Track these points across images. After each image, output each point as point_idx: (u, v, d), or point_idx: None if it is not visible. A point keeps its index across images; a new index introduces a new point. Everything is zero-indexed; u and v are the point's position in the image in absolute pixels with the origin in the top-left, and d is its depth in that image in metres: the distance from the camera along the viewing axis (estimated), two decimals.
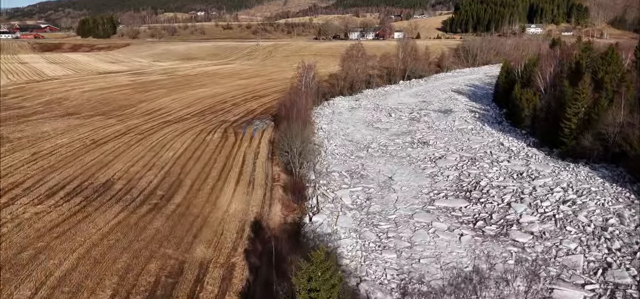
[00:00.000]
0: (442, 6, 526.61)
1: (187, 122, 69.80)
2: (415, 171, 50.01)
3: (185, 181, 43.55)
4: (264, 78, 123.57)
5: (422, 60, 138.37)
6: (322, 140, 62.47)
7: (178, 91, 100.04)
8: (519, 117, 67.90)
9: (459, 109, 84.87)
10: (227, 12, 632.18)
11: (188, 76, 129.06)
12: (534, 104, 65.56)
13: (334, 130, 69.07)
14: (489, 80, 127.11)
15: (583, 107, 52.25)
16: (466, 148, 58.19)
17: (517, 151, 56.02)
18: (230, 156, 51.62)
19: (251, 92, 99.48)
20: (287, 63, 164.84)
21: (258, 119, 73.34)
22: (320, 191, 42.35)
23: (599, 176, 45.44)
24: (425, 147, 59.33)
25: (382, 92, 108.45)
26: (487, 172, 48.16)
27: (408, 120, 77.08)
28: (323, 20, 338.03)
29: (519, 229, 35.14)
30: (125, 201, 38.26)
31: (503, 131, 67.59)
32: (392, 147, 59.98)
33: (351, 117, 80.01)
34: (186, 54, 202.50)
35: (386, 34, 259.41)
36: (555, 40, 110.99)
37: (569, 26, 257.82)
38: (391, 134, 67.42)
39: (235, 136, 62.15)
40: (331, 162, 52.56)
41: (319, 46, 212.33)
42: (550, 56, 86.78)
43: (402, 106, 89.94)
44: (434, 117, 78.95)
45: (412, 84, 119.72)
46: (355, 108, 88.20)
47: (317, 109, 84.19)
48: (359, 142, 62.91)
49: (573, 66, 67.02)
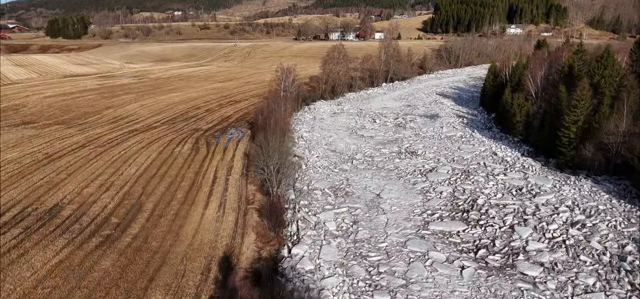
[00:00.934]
0: (422, 6, 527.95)
1: (156, 131, 64.04)
2: (405, 187, 45.58)
3: (146, 204, 38.13)
4: (241, 81, 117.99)
5: (405, 62, 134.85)
6: (303, 151, 57.58)
7: (148, 95, 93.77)
8: (511, 123, 64.27)
9: (446, 114, 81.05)
10: (205, 12, 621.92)
11: (160, 79, 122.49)
12: (527, 110, 61.99)
13: (315, 139, 64.27)
14: (473, 82, 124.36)
15: (582, 115, 48.65)
16: (457, 158, 54.09)
17: (512, 161, 52.15)
18: (200, 172, 46.29)
19: (227, 97, 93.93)
20: (266, 64, 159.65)
21: (233, 127, 68.01)
22: (300, 214, 37.48)
23: (604, 191, 41.76)
24: (414, 158, 55.01)
25: (365, 95, 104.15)
26: (484, 187, 44.04)
27: (393, 126, 72.80)
28: (303, 20, 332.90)
29: (527, 258, 30.93)
30: (73, 232, 32.71)
31: (494, 138, 63.84)
32: (378, 158, 55.49)
33: (334, 123, 75.34)
34: (161, 56, 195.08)
35: (367, 34, 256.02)
36: (541, 42, 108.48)
37: (548, 26, 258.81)
38: (377, 142, 62.96)
39: (207, 147, 56.75)
40: (313, 178, 47.73)
41: (299, 47, 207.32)
42: (541, 59, 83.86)
43: (386, 110, 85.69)
44: (420, 123, 74.88)
45: (395, 87, 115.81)
46: (337, 113, 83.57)
47: (297, 114, 79.29)
48: (343, 152, 58.25)
49: (566, 70, 63.66)
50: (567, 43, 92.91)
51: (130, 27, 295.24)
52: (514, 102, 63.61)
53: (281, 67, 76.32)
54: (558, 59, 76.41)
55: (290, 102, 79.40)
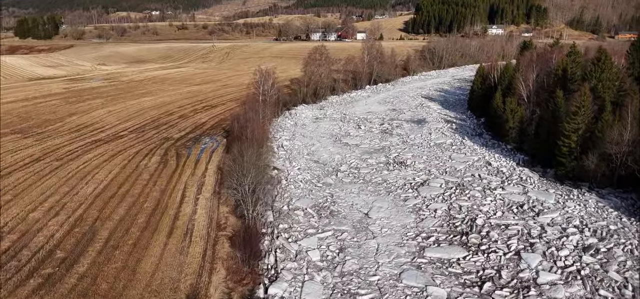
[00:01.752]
0: (402, 7, 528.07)
1: (122, 141, 58.58)
2: (396, 203, 41.38)
3: (100, 232, 33.03)
4: (218, 84, 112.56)
5: (389, 63, 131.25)
6: (283, 162, 52.94)
7: (118, 100, 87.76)
8: (503, 129, 60.74)
9: (433, 119, 77.35)
10: (184, 12, 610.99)
11: (133, 82, 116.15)
12: (521, 116, 58.54)
13: (297, 148, 59.67)
14: (458, 83, 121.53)
15: (584, 123, 45.22)
16: (450, 170, 50.17)
17: (508, 173, 48.45)
18: (167, 191, 41.25)
19: (203, 101, 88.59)
20: (245, 66, 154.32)
21: (207, 136, 62.93)
22: (279, 241, 32.87)
23: (612, 207, 38.28)
24: (403, 169, 50.90)
25: (348, 98, 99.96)
26: (481, 204, 40.12)
27: (379, 133, 68.70)
28: (283, 20, 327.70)
29: (539, 294, 26.98)
30: (8, 270, 27.52)
31: (486, 145, 60.25)
32: (365, 169, 51.19)
33: (316, 130, 70.87)
34: (136, 57, 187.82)
35: (349, 34, 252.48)
36: (527, 43, 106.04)
37: (529, 27, 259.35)
38: (362, 151, 58.70)
39: (177, 159, 51.63)
40: (294, 194, 43.13)
41: (279, 48, 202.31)
42: (529, 60, 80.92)
43: (371, 115, 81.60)
44: (407, 129, 70.96)
45: (379, 90, 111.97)
46: (320, 119, 79.12)
47: (277, 120, 74.59)
48: (327, 163, 53.79)
49: (560, 73, 60.49)
50: (557, 44, 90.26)
51: (104, 27, 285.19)
52: (507, 107, 60.12)
53: (260, 70, 71.48)
54: (549, 61, 73.60)
55: (269, 107, 74.63)
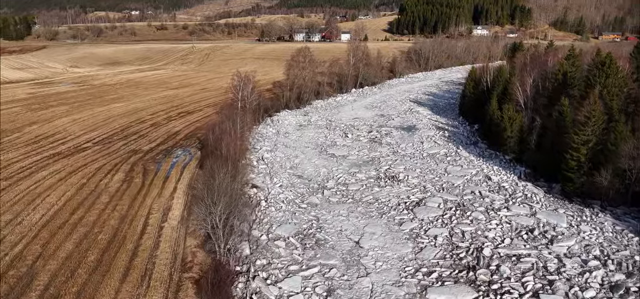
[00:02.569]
0: (386, 7, 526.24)
1: (83, 155, 52.70)
2: (390, 228, 36.62)
3: (40, 275, 27.51)
4: (196, 88, 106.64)
5: (375, 65, 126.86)
6: (264, 178, 47.78)
7: (85, 107, 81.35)
8: (500, 138, 56.55)
9: (424, 126, 73.00)
10: (165, 12, 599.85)
11: (105, 85, 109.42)
12: (520, 125, 54.41)
13: (278, 161, 54.56)
14: (447, 86, 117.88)
15: (594, 135, 41.15)
16: (447, 185, 45.66)
17: (511, 189, 44.12)
18: (127, 218, 35.74)
19: (178, 107, 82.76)
20: (226, 68, 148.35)
21: (180, 148, 57.38)
22: (256, 284, 27.75)
23: (632, 232, 34.17)
24: (396, 185, 46.20)
25: (333, 103, 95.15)
26: (486, 228, 35.63)
27: (368, 142, 63.99)
28: (266, 20, 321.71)
29: None
30: None
31: (482, 156, 55.99)
32: (354, 186, 46.36)
33: (300, 139, 65.84)
34: (111, 58, 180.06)
35: (333, 35, 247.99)
36: (517, 44, 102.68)
37: (513, 28, 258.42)
38: (351, 164, 53.88)
39: (144, 176, 46.06)
40: (275, 219, 38.03)
41: (262, 49, 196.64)
42: (525, 65, 77.27)
43: (358, 121, 76.91)
44: (397, 137, 66.41)
45: (365, 93, 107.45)
46: (304, 126, 74.10)
47: (258, 128, 69.35)
48: (312, 178, 48.81)
49: (560, 78, 56.63)
50: (552, 46, 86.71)
51: (79, 27, 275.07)
52: (504, 114, 55.92)
53: (238, 74, 66.08)
54: (544, 64, 69.97)
55: (249, 114, 69.34)
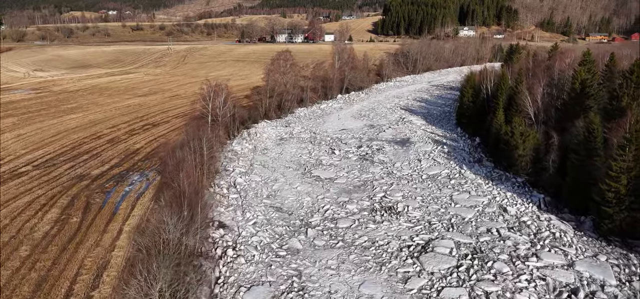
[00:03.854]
0: (369, 7, 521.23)
1: (16, 183, 43.52)
2: (393, 287, 28.60)
3: None
4: (167, 94, 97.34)
5: (361, 69, 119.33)
6: (234, 212, 39.34)
7: (35, 119, 71.54)
8: (510, 157, 49.07)
9: (419, 138, 65.34)
10: (144, 12, 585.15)
11: (65, 93, 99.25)
12: (535, 143, 46.98)
13: (254, 187, 46.16)
14: (438, 91, 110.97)
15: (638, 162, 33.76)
16: (456, 220, 37.86)
17: (534, 225, 36.49)
18: (45, 284, 26.93)
19: (143, 118, 73.59)
20: (203, 71, 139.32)
21: (138, 171, 48.50)
22: None
23: None
24: (395, 220, 38.24)
25: (318, 111, 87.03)
26: (516, 288, 27.86)
27: (358, 160, 55.99)
28: (247, 21, 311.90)
29: None
30: None
31: (490, 178, 48.42)
32: (344, 221, 38.23)
33: (280, 156, 57.53)
34: (81, 61, 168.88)
35: (317, 36, 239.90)
36: (515, 47, 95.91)
37: (500, 29, 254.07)
38: (339, 189, 45.77)
39: (84, 214, 37.19)
40: (244, 276, 29.64)
41: (241, 51, 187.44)
42: (524, 68, 70.36)
43: (346, 133, 68.94)
44: (390, 153, 58.56)
45: (352, 99, 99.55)
46: (285, 139, 65.80)
47: (232, 144, 60.76)
48: (293, 211, 40.55)
49: (577, 87, 49.49)
50: (556, 48, 79.80)
51: (48, 28, 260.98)
52: (515, 130, 48.42)
53: (208, 83, 57.39)
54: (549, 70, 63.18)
55: (222, 127, 60.86)
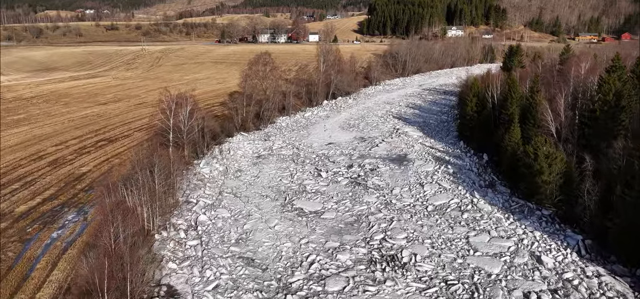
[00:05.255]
0: (353, 7, 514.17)
1: None
2: None
3: None
4: (133, 101, 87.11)
5: (348, 72, 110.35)
6: (190, 270, 30.01)
7: None
8: (532, 183, 40.67)
9: (417, 155, 56.81)
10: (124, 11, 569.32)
11: (18, 100, 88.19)
12: (566, 168, 38.60)
13: (220, 226, 36.91)
14: (431, 97, 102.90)
15: None
16: (481, 279, 29.12)
17: (583, 286, 27.93)
18: None
19: (100, 131, 63.52)
20: (178, 74, 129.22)
21: (75, 207, 38.72)
22: None
23: None
24: (400, 278, 29.40)
25: (302, 121, 77.97)
26: None
27: (349, 184, 47.08)
28: (228, 20, 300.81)
29: None
30: None
31: (510, 209, 39.98)
32: (335, 282, 29.20)
33: (256, 181, 48.33)
34: (46, 63, 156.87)
35: (301, 36, 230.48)
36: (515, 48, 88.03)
37: (488, 28, 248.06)
38: (327, 229, 36.76)
39: None
40: None
41: (221, 52, 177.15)
42: (534, 74, 62.38)
43: (333, 149, 60.06)
44: (386, 175, 49.81)
45: (339, 106, 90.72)
46: (263, 158, 56.60)
47: (199, 165, 51.25)
48: (269, 264, 31.39)
49: (611, 99, 41.35)
50: (568, 50, 71.71)
51: (16, 28, 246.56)
52: (539, 151, 39.98)
53: (168, 95, 47.73)
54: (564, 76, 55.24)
55: (187, 145, 51.45)
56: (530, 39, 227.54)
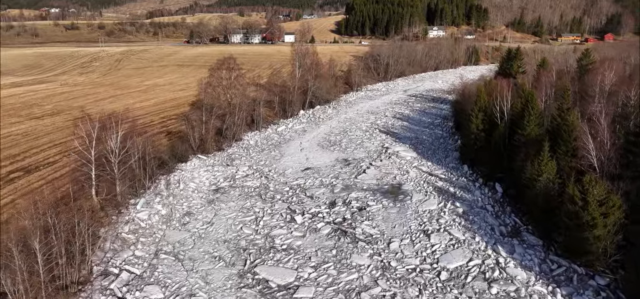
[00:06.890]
0: (330, 6, 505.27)
1: None
2: None
3: None
4: (74, 114, 73.61)
5: (327, 76, 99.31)
6: None
7: None
8: (577, 239, 30.18)
9: (415, 185, 46.00)
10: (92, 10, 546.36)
11: None
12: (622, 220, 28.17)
13: None
14: (419, 104, 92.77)
15: None
16: None
17: None
18: None
19: (18, 158, 50.39)
20: (137, 79, 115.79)
21: None
22: None
23: None
24: None
25: (274, 137, 66.40)
26: None
27: (332, 235, 35.79)
28: (198, 19, 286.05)
29: None
30: None
31: (550, 275, 29.50)
32: None
33: (208, 232, 36.57)
34: None
35: (275, 36, 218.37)
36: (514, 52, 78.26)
37: (470, 28, 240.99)
38: None
39: None
40: None
41: (188, 53, 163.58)
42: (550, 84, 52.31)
43: (312, 176, 48.73)
44: (379, 217, 38.74)
45: (317, 117, 79.45)
46: (222, 191, 44.86)
47: (136, 207, 39.16)
48: None
49: None
50: (588, 55, 61.76)
51: None
52: (589, 196, 29.47)
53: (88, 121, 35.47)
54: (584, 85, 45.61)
55: (119, 183, 39.32)
56: (512, 39, 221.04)
